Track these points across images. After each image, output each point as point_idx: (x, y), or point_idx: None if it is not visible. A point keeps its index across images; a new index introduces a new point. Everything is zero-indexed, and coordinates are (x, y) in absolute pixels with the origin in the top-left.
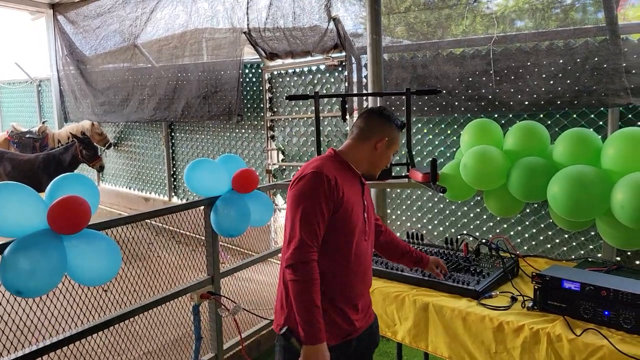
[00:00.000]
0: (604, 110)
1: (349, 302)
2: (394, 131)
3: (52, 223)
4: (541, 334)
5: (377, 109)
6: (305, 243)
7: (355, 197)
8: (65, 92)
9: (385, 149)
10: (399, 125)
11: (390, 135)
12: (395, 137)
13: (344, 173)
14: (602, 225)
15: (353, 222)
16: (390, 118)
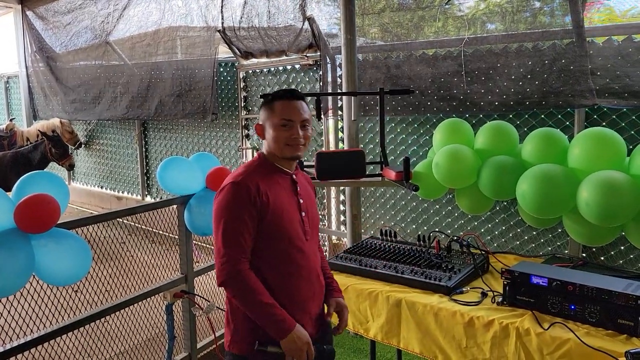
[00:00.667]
0: (570, 111)
1: (299, 306)
2: (266, 105)
3: (19, 222)
4: (510, 328)
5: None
6: (231, 257)
7: (286, 198)
8: (35, 89)
9: (271, 124)
10: (270, 98)
11: (266, 111)
12: (269, 108)
13: (270, 176)
14: (569, 222)
15: (285, 225)
16: (264, 99)
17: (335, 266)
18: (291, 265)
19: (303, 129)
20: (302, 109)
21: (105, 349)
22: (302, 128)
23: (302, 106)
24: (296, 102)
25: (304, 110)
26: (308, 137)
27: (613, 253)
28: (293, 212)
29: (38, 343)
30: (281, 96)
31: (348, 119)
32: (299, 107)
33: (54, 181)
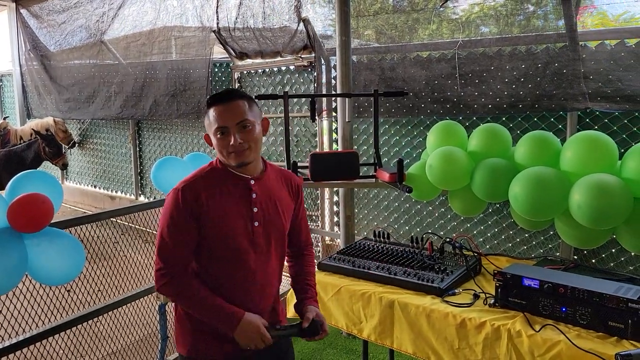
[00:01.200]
0: (563, 114)
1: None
2: (206, 113)
3: (12, 221)
4: (502, 330)
5: None
6: (163, 265)
7: (234, 206)
8: (28, 87)
9: (211, 133)
10: (208, 103)
11: (206, 119)
12: (206, 116)
13: (220, 182)
14: (561, 225)
15: (225, 234)
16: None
17: (329, 267)
18: (230, 277)
19: (242, 132)
20: (238, 109)
21: (98, 348)
22: (241, 130)
23: (237, 107)
24: (229, 104)
25: (241, 111)
26: (253, 138)
27: (604, 255)
28: (238, 222)
29: (30, 343)
30: (212, 102)
31: (342, 121)
32: (232, 109)
33: (48, 180)
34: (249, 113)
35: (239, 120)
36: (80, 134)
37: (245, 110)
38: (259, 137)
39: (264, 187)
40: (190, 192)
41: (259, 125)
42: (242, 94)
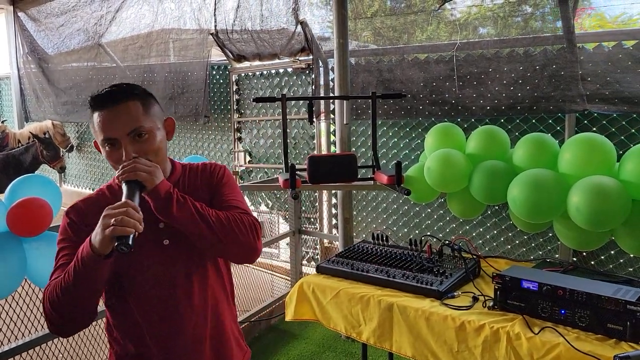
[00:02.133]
0: (561, 116)
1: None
2: (91, 116)
3: (11, 225)
4: (501, 332)
5: None
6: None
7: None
8: (26, 90)
9: (99, 144)
10: (90, 105)
11: (92, 125)
12: (91, 122)
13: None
14: (559, 227)
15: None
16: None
17: (327, 270)
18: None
19: (137, 142)
20: (128, 115)
21: (97, 352)
22: (135, 141)
23: (127, 112)
24: (116, 108)
25: (132, 117)
26: (152, 149)
27: (603, 257)
28: (143, 247)
29: (29, 347)
30: (96, 105)
31: (340, 123)
32: (121, 115)
33: (47, 184)
34: (145, 118)
35: (130, 129)
36: (78, 137)
37: (139, 114)
38: (161, 145)
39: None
40: (76, 215)
41: (160, 129)
42: (132, 92)
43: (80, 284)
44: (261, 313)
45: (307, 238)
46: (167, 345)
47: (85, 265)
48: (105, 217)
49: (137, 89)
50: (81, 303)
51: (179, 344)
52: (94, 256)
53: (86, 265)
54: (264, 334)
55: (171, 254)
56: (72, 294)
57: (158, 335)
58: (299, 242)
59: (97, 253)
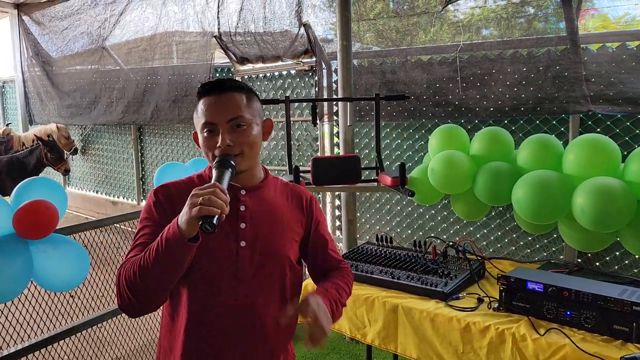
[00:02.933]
0: (565, 117)
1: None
2: (197, 105)
3: (17, 227)
4: (506, 334)
5: None
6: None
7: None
8: (31, 93)
9: (199, 129)
10: (198, 93)
11: (195, 113)
12: (195, 109)
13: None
14: (564, 228)
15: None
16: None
17: None
18: (206, 315)
19: (234, 132)
20: (231, 104)
21: (102, 354)
22: (233, 130)
23: (231, 100)
24: (221, 96)
25: (235, 106)
26: (247, 141)
27: (608, 259)
28: (220, 241)
29: (35, 349)
30: (202, 92)
31: (344, 124)
32: (225, 103)
33: (53, 187)
34: (246, 110)
35: (231, 117)
36: (82, 139)
37: (242, 105)
38: (256, 140)
39: (260, 199)
40: (164, 196)
41: (257, 125)
42: (239, 85)
43: (160, 266)
44: None
45: None
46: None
47: (169, 246)
48: (193, 196)
49: (242, 83)
50: (157, 285)
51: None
52: (180, 237)
53: (170, 246)
54: None
55: (246, 257)
56: (150, 274)
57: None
58: None
59: (183, 234)
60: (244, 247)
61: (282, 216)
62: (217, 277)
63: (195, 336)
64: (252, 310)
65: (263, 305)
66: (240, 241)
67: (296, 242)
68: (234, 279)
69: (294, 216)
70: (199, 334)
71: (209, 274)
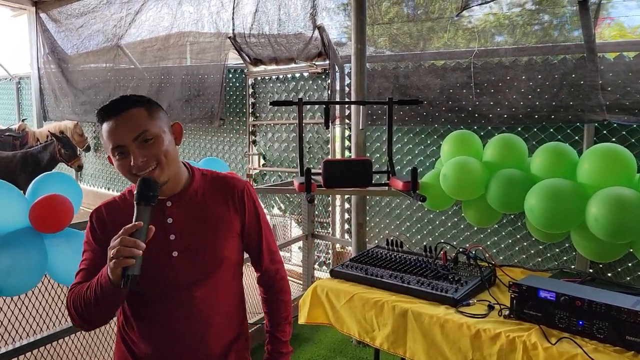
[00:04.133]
0: (580, 126)
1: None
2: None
3: (33, 221)
4: (517, 342)
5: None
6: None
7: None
8: (45, 90)
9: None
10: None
11: (102, 138)
12: (102, 136)
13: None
14: (577, 238)
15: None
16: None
17: (341, 274)
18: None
19: (144, 147)
20: (133, 121)
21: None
22: (142, 146)
23: (131, 118)
24: (121, 116)
25: (137, 122)
26: (160, 152)
27: (620, 270)
28: (152, 253)
29: (47, 342)
30: (102, 117)
31: (356, 128)
32: (126, 122)
33: (68, 182)
34: (149, 122)
35: (136, 135)
36: (95, 137)
37: (143, 119)
38: (169, 148)
39: (187, 205)
40: (96, 221)
41: (167, 133)
42: (136, 100)
43: (99, 304)
44: None
45: (319, 242)
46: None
47: (104, 292)
48: (111, 249)
49: (140, 97)
50: (100, 315)
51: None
52: (111, 286)
53: (104, 292)
54: None
55: (177, 264)
56: (92, 309)
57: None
58: (312, 245)
59: (113, 283)
60: (177, 257)
61: (212, 216)
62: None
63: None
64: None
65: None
66: (172, 252)
67: (234, 238)
68: (172, 289)
69: (226, 212)
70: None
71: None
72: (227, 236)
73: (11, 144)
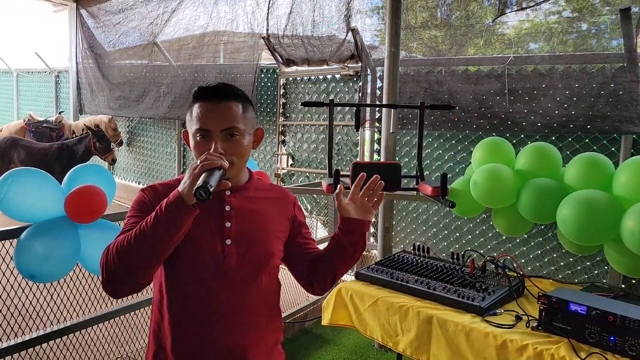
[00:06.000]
0: (616, 137)
1: (180, 354)
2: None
3: (68, 211)
4: (545, 354)
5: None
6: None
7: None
8: (82, 84)
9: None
10: (194, 95)
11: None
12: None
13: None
14: (610, 251)
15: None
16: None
17: (366, 277)
18: (190, 307)
19: (227, 140)
20: (228, 113)
21: (137, 338)
22: (226, 139)
23: (227, 110)
24: (219, 104)
25: (231, 115)
26: (238, 151)
27: None
28: (203, 239)
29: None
30: (199, 96)
31: (386, 131)
32: (221, 111)
33: (103, 174)
34: (241, 120)
35: (226, 127)
36: (128, 131)
37: (237, 115)
38: (247, 150)
39: (245, 198)
40: (151, 194)
41: (250, 135)
42: (237, 93)
43: (158, 230)
44: (296, 315)
45: None
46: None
47: (170, 210)
48: (190, 167)
49: (241, 92)
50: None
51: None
52: (181, 200)
53: (170, 211)
54: (297, 337)
55: (229, 252)
56: (147, 240)
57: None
58: None
59: (184, 198)
60: (230, 245)
61: (266, 214)
62: (202, 269)
63: (182, 324)
64: (222, 301)
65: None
66: (226, 239)
67: (280, 240)
68: (218, 273)
69: (278, 215)
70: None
71: (196, 265)
72: (276, 235)
73: (48, 135)
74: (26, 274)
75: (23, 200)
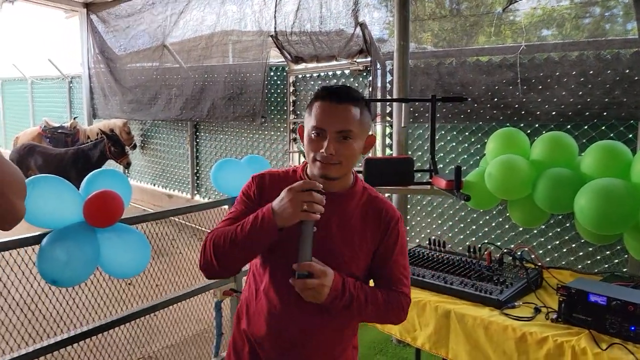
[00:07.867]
0: (633, 123)
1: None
2: (309, 105)
3: (87, 216)
4: (565, 346)
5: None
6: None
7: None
8: (95, 89)
9: (306, 129)
10: (317, 94)
11: (307, 111)
12: (309, 108)
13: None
14: (630, 240)
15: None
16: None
17: None
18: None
19: (340, 142)
20: (346, 116)
21: (157, 339)
22: (339, 140)
23: (346, 113)
24: (339, 105)
25: (348, 119)
26: (348, 154)
27: None
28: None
29: (97, 332)
30: (322, 95)
31: (398, 126)
32: (340, 113)
33: (119, 179)
34: (357, 124)
35: (341, 129)
36: (141, 134)
37: (354, 119)
38: (357, 154)
39: (338, 206)
40: (257, 185)
41: (361, 140)
42: (359, 98)
43: (249, 240)
44: None
45: None
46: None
47: (263, 228)
48: (296, 194)
49: (363, 97)
50: (240, 255)
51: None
52: (274, 222)
53: (264, 228)
54: None
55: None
56: (238, 245)
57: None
58: None
59: (277, 222)
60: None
61: (354, 229)
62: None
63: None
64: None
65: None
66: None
67: (362, 258)
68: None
69: (368, 232)
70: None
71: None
72: (358, 253)
73: (63, 140)
74: (49, 279)
75: (43, 207)
